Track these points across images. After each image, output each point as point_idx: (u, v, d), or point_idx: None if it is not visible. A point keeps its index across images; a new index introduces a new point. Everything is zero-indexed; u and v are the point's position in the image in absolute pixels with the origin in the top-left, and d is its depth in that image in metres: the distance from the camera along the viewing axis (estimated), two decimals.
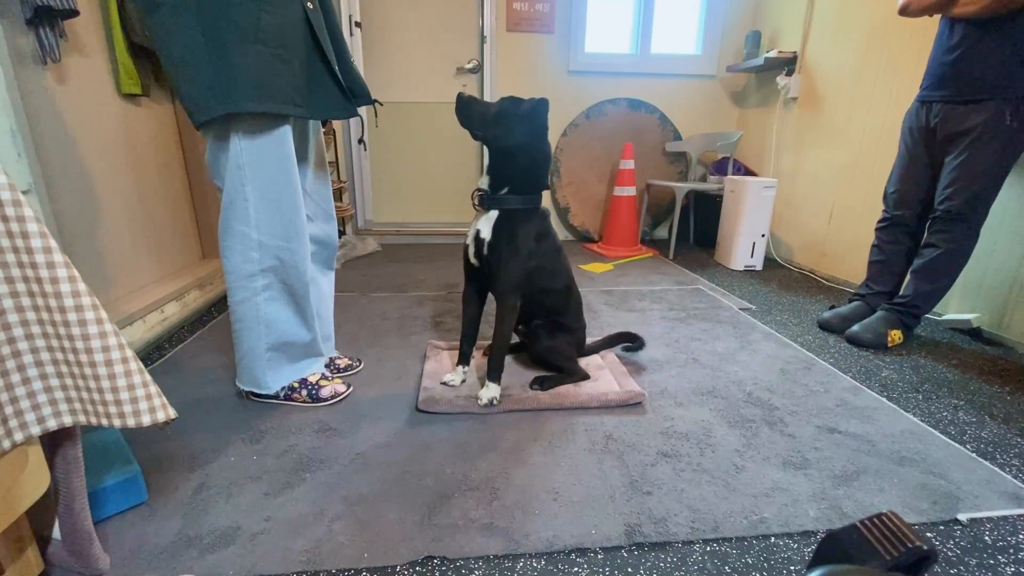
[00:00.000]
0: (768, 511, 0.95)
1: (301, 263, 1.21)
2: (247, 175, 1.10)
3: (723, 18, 3.25)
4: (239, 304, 1.20)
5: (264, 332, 1.22)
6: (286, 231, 1.17)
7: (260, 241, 1.15)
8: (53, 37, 1.38)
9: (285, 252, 1.18)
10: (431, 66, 3.20)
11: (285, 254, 1.18)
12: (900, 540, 0.50)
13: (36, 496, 0.69)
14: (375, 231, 3.40)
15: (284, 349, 1.27)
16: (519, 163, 1.24)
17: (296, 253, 1.19)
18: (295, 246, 1.19)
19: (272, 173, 1.12)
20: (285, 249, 1.18)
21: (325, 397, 1.31)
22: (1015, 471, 1.08)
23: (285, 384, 1.30)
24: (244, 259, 1.15)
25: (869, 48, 2.31)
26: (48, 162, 1.39)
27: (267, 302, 1.20)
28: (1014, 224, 1.71)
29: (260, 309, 1.20)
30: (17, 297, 0.63)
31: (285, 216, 1.16)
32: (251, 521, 0.92)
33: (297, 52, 1.08)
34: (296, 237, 1.18)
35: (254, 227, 1.13)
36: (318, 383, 1.32)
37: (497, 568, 0.83)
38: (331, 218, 1.39)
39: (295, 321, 1.26)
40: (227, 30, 0.99)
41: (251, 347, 1.24)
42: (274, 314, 1.22)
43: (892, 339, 1.72)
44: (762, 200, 2.70)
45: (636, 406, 1.32)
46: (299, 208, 1.18)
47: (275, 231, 1.15)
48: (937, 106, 1.61)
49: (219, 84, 1.00)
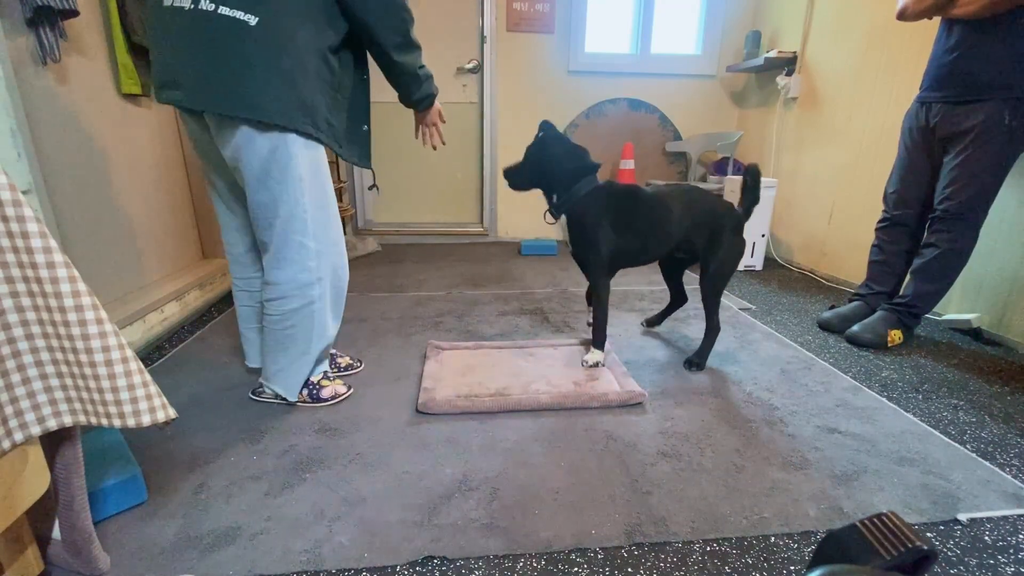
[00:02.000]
0: (768, 511, 0.95)
1: (344, 270, 1.29)
2: (306, 188, 1.13)
3: (723, 18, 3.25)
4: (294, 312, 1.21)
5: (317, 339, 1.26)
6: (337, 239, 1.24)
7: (318, 251, 1.19)
8: (53, 37, 1.38)
9: (338, 258, 1.26)
10: (431, 66, 3.15)
11: (338, 260, 1.26)
12: (900, 540, 0.50)
13: (36, 496, 0.69)
14: (375, 231, 3.40)
15: (324, 351, 1.32)
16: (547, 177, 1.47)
17: (343, 257, 1.28)
18: (341, 249, 1.27)
19: (323, 188, 1.19)
20: (338, 255, 1.25)
21: (325, 398, 1.32)
22: (1015, 471, 1.08)
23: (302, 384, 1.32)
24: (302, 268, 1.18)
25: (869, 48, 2.31)
26: (48, 162, 1.39)
27: (321, 311, 1.24)
28: (1014, 224, 1.71)
29: (315, 317, 1.23)
30: (17, 297, 0.63)
31: (333, 225, 1.23)
32: (251, 521, 0.92)
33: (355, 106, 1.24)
34: (341, 242, 1.27)
35: (311, 237, 1.17)
36: (319, 383, 1.32)
37: (497, 568, 0.83)
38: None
39: (333, 325, 1.31)
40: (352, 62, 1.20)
41: (303, 351, 1.25)
42: (325, 320, 1.26)
43: (892, 339, 1.72)
44: (762, 200, 2.69)
45: (636, 406, 1.32)
46: (339, 218, 1.26)
47: (329, 239, 1.21)
48: (936, 106, 1.61)
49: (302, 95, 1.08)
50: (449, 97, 3.26)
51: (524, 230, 3.50)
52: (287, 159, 1.09)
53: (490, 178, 3.36)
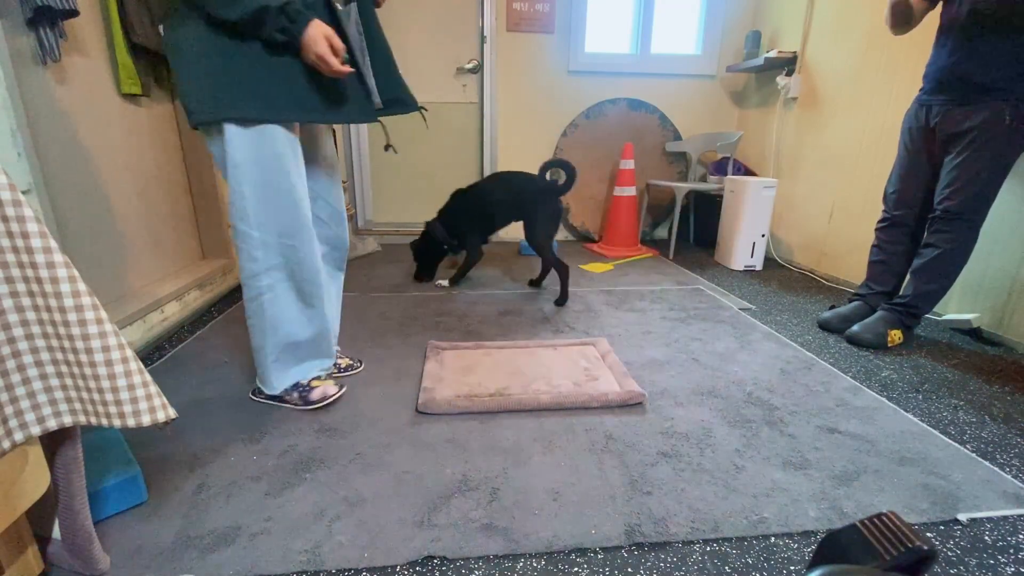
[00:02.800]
0: (768, 511, 0.95)
1: (309, 257, 1.20)
2: (243, 173, 1.09)
3: (723, 18, 3.25)
4: (249, 302, 1.20)
5: (270, 332, 1.22)
6: (288, 227, 1.15)
7: (263, 240, 1.14)
8: (53, 37, 1.38)
9: (289, 249, 1.17)
10: (431, 66, 3.20)
11: (289, 251, 1.17)
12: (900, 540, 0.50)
13: (36, 496, 0.69)
14: (375, 231, 3.40)
15: (290, 350, 1.26)
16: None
17: (300, 249, 1.18)
18: (298, 242, 1.17)
19: (269, 171, 1.10)
20: (289, 246, 1.17)
21: (314, 400, 1.29)
22: (1015, 471, 1.08)
23: (289, 385, 1.29)
24: (249, 258, 1.15)
25: (869, 48, 2.31)
26: (48, 162, 1.39)
27: (271, 302, 1.19)
28: (1014, 224, 1.71)
29: (265, 309, 1.19)
30: (17, 297, 0.63)
31: (285, 212, 1.14)
32: (251, 521, 0.92)
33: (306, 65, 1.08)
34: (299, 232, 1.17)
35: (254, 226, 1.13)
36: (309, 384, 1.30)
37: (497, 568, 0.83)
38: (342, 220, 1.39)
39: (301, 320, 1.25)
40: (228, 35, 1.01)
41: (259, 345, 1.24)
42: (279, 314, 1.21)
43: (892, 339, 1.72)
44: (762, 200, 2.70)
45: (636, 406, 1.32)
46: (299, 204, 1.16)
47: (276, 228, 1.14)
48: (937, 107, 1.62)
49: (209, 89, 1.03)
50: (449, 97, 3.26)
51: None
52: (222, 148, 1.08)
53: None
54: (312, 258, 1.21)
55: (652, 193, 3.39)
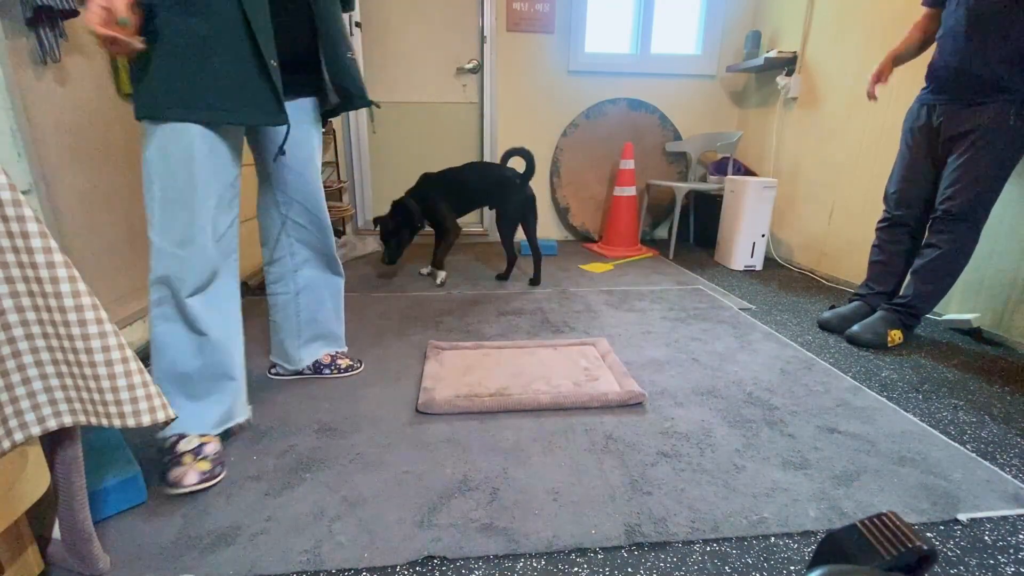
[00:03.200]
0: (768, 511, 0.95)
1: (189, 275, 1.00)
2: (153, 174, 0.96)
3: (723, 18, 3.25)
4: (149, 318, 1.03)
5: (155, 355, 1.02)
6: (180, 236, 0.99)
7: (160, 247, 0.98)
8: (53, 37, 1.38)
9: (174, 261, 0.99)
10: (431, 66, 3.20)
11: (174, 263, 0.99)
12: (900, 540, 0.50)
13: (36, 496, 0.69)
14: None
15: (179, 381, 1.04)
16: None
17: (186, 263, 0.99)
18: (187, 254, 0.99)
19: (177, 175, 0.97)
20: (175, 256, 0.99)
21: (171, 480, 0.98)
22: (1015, 471, 1.08)
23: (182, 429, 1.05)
24: (151, 267, 1.00)
25: (869, 48, 2.31)
26: (48, 162, 1.39)
27: (158, 319, 1.01)
28: (1014, 224, 1.71)
29: (153, 327, 1.02)
30: (17, 297, 0.63)
31: (182, 220, 0.99)
32: (251, 521, 0.92)
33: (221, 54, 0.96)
34: (189, 244, 0.99)
35: (157, 231, 0.98)
36: (181, 456, 1.01)
37: (497, 568, 0.83)
38: (320, 223, 1.31)
39: (188, 351, 1.03)
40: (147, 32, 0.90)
41: (152, 369, 1.02)
42: (164, 336, 1.02)
43: (892, 339, 1.72)
44: (762, 200, 2.70)
45: (636, 406, 1.32)
46: (201, 213, 1.00)
47: (171, 236, 0.99)
48: (940, 107, 1.62)
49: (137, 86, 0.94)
50: (449, 97, 3.26)
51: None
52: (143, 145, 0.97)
53: None
54: (196, 273, 1.01)
55: (652, 193, 3.39)
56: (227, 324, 1.10)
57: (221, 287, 1.07)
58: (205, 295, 1.04)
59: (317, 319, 1.41)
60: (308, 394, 1.37)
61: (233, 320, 1.12)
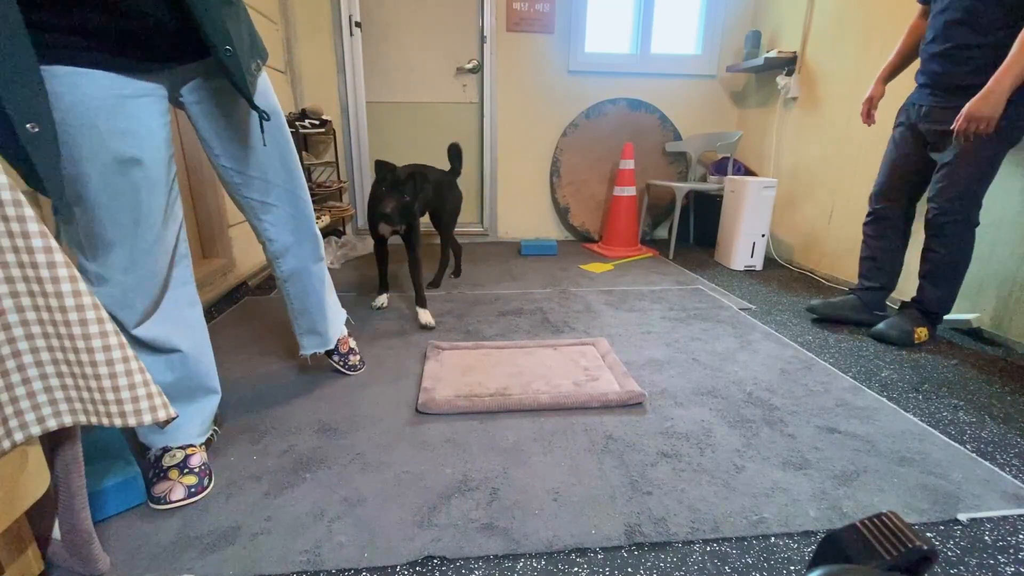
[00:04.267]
0: (768, 511, 0.95)
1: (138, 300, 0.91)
2: None
3: (723, 18, 3.25)
4: None
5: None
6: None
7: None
8: None
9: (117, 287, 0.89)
10: (431, 66, 3.20)
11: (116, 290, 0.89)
12: (900, 540, 0.50)
13: (36, 496, 0.69)
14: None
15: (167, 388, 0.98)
16: None
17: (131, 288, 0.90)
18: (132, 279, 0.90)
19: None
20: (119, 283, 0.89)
21: (155, 494, 0.95)
22: (1015, 471, 1.08)
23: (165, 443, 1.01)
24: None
25: (869, 48, 2.31)
26: None
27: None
28: (1014, 224, 1.71)
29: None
30: (17, 297, 0.63)
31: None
32: (251, 521, 0.92)
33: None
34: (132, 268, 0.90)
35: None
36: (167, 471, 0.97)
37: (497, 568, 0.83)
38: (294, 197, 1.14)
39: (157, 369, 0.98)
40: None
41: None
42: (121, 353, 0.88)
43: (919, 336, 1.74)
44: (762, 200, 2.70)
45: (636, 406, 1.32)
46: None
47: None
48: (926, 107, 1.66)
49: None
50: (449, 97, 3.26)
51: (524, 230, 3.50)
52: None
53: (490, 178, 3.36)
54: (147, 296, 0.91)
55: (652, 193, 3.39)
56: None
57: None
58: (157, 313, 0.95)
59: (307, 310, 1.32)
60: (308, 394, 1.37)
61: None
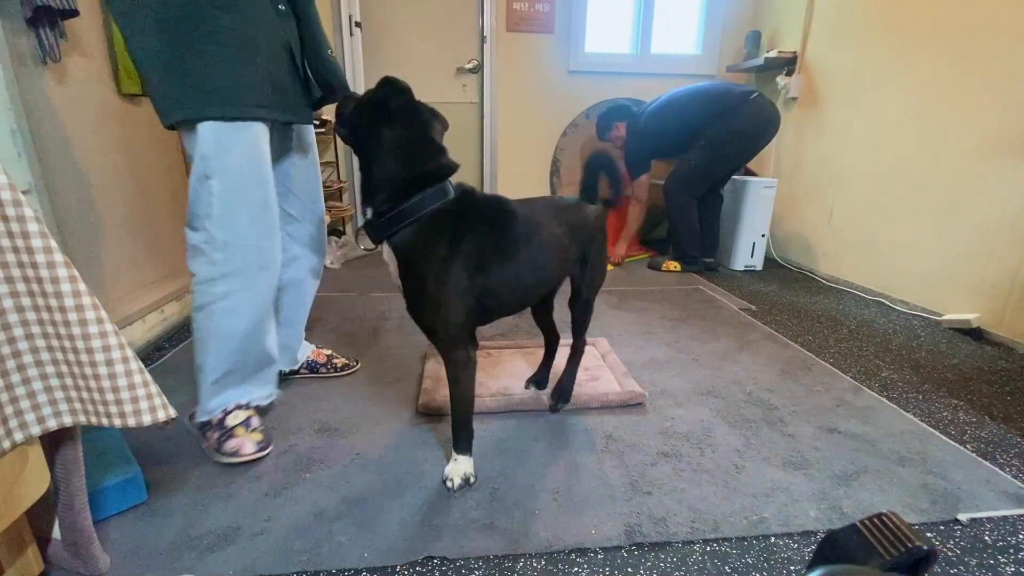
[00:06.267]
0: (768, 511, 0.95)
1: (270, 263, 1.09)
2: (212, 169, 0.99)
3: (723, 18, 3.24)
4: (197, 312, 1.06)
5: (215, 346, 1.07)
6: (254, 229, 1.05)
7: (224, 241, 1.02)
8: (53, 37, 1.38)
9: (253, 252, 1.05)
10: (431, 66, 3.20)
11: (252, 255, 1.05)
12: (900, 540, 0.50)
13: (36, 496, 0.69)
14: None
15: (235, 368, 1.11)
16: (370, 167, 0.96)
17: (266, 253, 1.08)
18: (267, 245, 1.07)
19: (239, 169, 1.01)
20: (253, 248, 1.05)
21: (228, 451, 1.07)
22: (1015, 471, 1.08)
23: (229, 406, 1.12)
24: (207, 260, 1.03)
25: (869, 48, 2.31)
26: (48, 162, 1.39)
27: (223, 313, 1.05)
28: (1014, 224, 1.71)
29: (214, 320, 1.05)
30: (17, 297, 0.63)
31: (253, 214, 1.04)
32: (251, 521, 0.92)
33: (264, 53, 1.01)
34: (266, 235, 1.07)
35: (218, 225, 1.01)
36: (232, 430, 1.09)
37: (497, 568, 0.83)
38: (320, 219, 1.30)
39: (253, 337, 1.10)
40: (183, 33, 0.93)
41: (201, 363, 1.08)
42: (229, 327, 1.07)
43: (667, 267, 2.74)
44: (762, 200, 2.70)
45: (636, 406, 1.32)
46: (269, 206, 1.07)
47: (240, 230, 1.03)
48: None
49: (177, 90, 0.95)
50: (449, 97, 3.26)
51: None
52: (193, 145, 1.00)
53: (490, 178, 3.36)
54: (274, 263, 1.10)
55: (652, 193, 3.39)
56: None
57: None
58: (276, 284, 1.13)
59: (292, 322, 1.36)
60: (308, 394, 1.37)
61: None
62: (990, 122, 1.79)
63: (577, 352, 1.30)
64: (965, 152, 1.88)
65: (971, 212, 1.86)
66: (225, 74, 0.97)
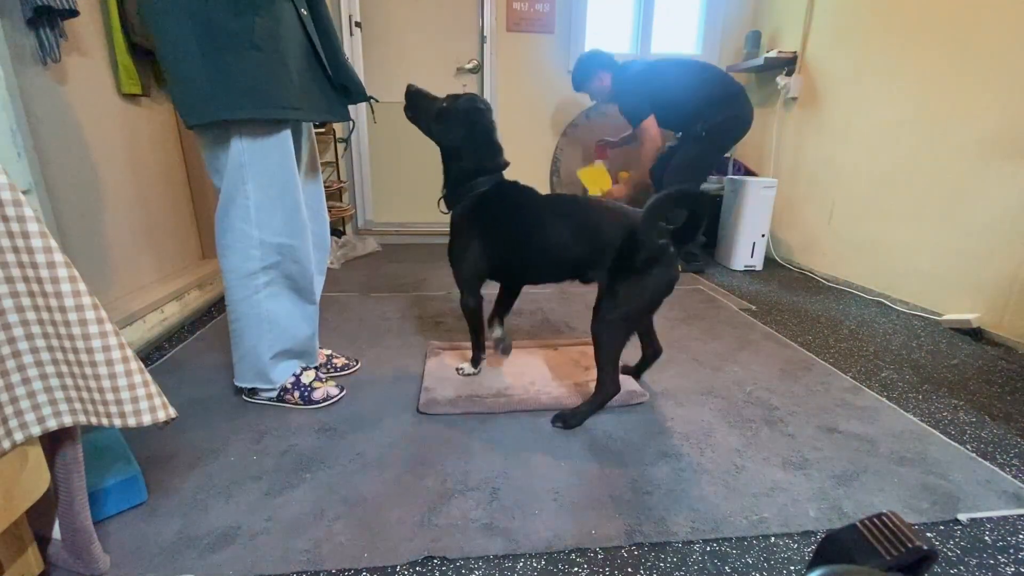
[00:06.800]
0: (768, 511, 0.95)
1: (304, 258, 1.22)
2: (248, 173, 1.10)
3: (723, 18, 3.24)
4: (239, 303, 1.19)
5: (267, 329, 1.22)
6: (288, 227, 1.18)
7: (261, 239, 1.15)
8: (53, 37, 1.38)
9: (288, 248, 1.19)
10: (431, 66, 3.20)
11: (288, 250, 1.19)
12: (900, 540, 0.50)
13: (36, 496, 0.69)
14: (375, 231, 3.39)
15: (287, 346, 1.27)
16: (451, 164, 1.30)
17: (299, 249, 1.21)
18: (298, 242, 1.20)
19: (273, 171, 1.12)
20: (288, 246, 1.19)
21: (317, 400, 1.30)
22: (1015, 471, 1.08)
23: (293, 371, 1.30)
24: (244, 257, 1.15)
25: (869, 48, 2.31)
26: (48, 162, 1.39)
27: (268, 299, 1.20)
28: (1014, 224, 1.71)
29: (261, 306, 1.20)
30: (17, 297, 0.63)
31: (287, 213, 1.16)
32: (251, 521, 0.92)
33: (292, 55, 1.07)
34: (299, 233, 1.20)
35: (255, 225, 1.13)
36: (311, 385, 1.31)
37: (497, 568, 0.83)
38: (324, 220, 1.38)
39: (297, 316, 1.27)
40: (221, 35, 0.98)
41: (253, 345, 1.23)
42: (276, 311, 1.22)
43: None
44: (762, 200, 2.70)
45: (636, 406, 1.32)
46: (300, 206, 1.19)
47: (277, 228, 1.16)
48: None
49: (213, 90, 1.00)
50: None
51: None
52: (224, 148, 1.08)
53: None
54: (308, 257, 1.23)
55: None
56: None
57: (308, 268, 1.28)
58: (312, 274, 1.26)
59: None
60: None
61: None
62: (990, 122, 1.79)
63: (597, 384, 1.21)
64: (965, 152, 1.88)
65: (971, 212, 1.86)
66: (263, 75, 1.02)
